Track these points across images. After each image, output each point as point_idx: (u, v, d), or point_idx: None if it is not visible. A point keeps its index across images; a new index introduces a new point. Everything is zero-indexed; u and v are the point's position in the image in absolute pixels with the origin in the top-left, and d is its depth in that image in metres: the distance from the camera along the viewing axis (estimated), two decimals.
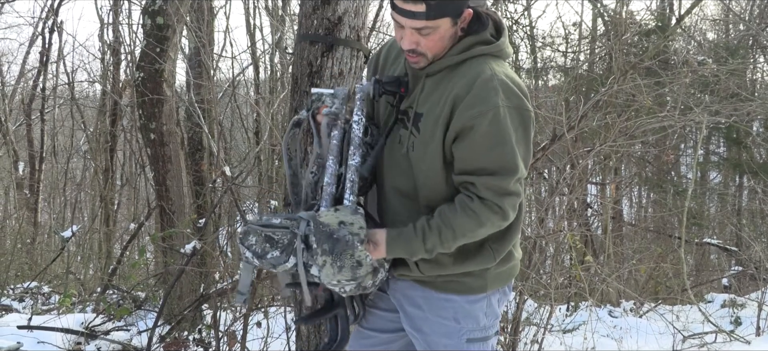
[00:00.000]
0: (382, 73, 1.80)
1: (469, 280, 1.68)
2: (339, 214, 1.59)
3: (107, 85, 8.92)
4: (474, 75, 1.53)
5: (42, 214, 10.04)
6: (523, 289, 3.77)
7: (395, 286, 1.78)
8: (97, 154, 8.89)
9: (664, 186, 9.67)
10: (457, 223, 1.56)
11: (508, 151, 1.51)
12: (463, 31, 1.57)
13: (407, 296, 1.75)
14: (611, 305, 6.04)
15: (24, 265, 7.10)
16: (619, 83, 4.46)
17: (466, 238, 1.58)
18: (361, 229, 1.58)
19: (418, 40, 1.53)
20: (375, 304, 1.87)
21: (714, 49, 8.91)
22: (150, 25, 4.45)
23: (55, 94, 10.62)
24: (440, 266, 1.66)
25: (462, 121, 1.51)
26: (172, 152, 4.54)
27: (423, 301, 1.72)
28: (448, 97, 1.54)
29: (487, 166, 1.52)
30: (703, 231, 9.63)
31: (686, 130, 6.77)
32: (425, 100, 1.60)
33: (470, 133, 1.51)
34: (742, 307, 5.84)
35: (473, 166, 1.53)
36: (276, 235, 1.59)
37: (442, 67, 1.59)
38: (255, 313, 3.75)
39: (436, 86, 1.59)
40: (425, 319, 1.72)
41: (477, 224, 1.56)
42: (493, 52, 1.59)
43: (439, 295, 1.70)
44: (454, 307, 1.70)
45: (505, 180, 1.53)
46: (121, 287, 5.15)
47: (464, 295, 1.69)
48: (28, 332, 3.81)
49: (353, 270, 1.58)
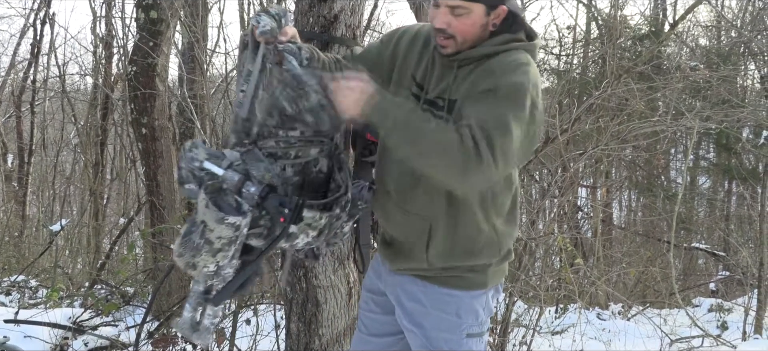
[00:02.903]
0: (401, 58, 1.75)
1: (473, 275, 1.71)
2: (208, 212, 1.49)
3: (99, 78, 8.85)
4: (512, 60, 1.55)
5: (30, 208, 9.95)
6: (512, 290, 3.79)
7: (393, 281, 1.79)
8: (87, 147, 8.83)
9: (654, 190, 9.73)
10: (432, 130, 1.46)
11: (513, 120, 1.46)
12: (494, 27, 1.60)
13: (406, 291, 1.75)
14: (600, 308, 6.08)
15: (11, 258, 7.04)
16: (612, 87, 4.49)
17: (425, 144, 1.46)
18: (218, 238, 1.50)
19: (450, 21, 1.56)
20: (373, 309, 1.88)
21: (706, 55, 8.97)
22: (143, 19, 4.43)
23: (45, 86, 10.52)
24: (450, 257, 1.67)
25: (488, 84, 1.51)
26: (163, 147, 4.52)
27: (423, 296, 1.73)
28: (485, 78, 1.55)
29: (489, 120, 1.46)
30: (692, 236, 9.70)
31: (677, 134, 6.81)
32: (458, 87, 1.60)
33: (488, 94, 1.50)
34: (729, 312, 5.90)
35: (477, 115, 1.47)
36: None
37: (476, 55, 1.60)
38: (244, 311, 3.74)
39: (469, 74, 1.60)
40: (426, 314, 1.72)
41: (445, 139, 1.44)
42: (528, 48, 1.61)
43: (442, 289, 1.71)
44: (456, 302, 1.71)
45: (499, 132, 1.44)
46: (109, 282, 5.11)
47: (467, 290, 1.71)
48: (15, 326, 3.78)
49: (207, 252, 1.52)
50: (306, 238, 1.61)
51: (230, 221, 1.47)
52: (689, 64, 6.74)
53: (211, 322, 1.61)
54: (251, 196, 1.51)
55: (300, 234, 1.59)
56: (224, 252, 1.52)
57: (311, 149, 1.65)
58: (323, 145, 1.67)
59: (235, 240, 1.51)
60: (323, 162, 1.68)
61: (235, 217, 1.48)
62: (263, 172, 1.57)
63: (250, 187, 1.52)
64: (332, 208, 1.62)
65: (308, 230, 1.60)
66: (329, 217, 1.62)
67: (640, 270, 6.62)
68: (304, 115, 1.60)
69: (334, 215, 1.63)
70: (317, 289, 2.41)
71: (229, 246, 1.51)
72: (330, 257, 2.41)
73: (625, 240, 8.70)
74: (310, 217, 1.57)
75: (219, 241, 1.50)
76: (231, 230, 1.49)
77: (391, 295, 1.81)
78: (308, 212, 1.55)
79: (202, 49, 5.66)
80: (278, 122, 1.60)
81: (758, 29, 9.37)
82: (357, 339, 1.93)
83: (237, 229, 1.49)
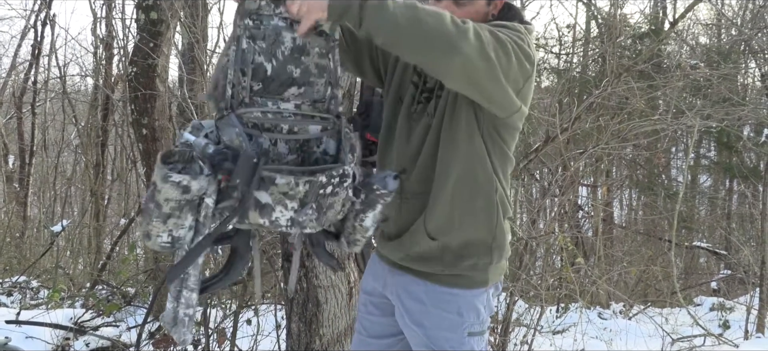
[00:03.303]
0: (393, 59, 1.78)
1: (475, 273, 1.71)
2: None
3: (99, 79, 8.85)
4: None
5: (31, 208, 9.96)
6: (513, 289, 3.78)
7: (394, 282, 1.79)
8: (88, 148, 8.84)
9: (655, 189, 9.72)
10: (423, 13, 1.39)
11: (504, 33, 1.48)
12: (493, 17, 1.66)
13: (408, 291, 1.75)
14: (601, 307, 6.08)
15: (13, 259, 7.05)
16: (613, 86, 4.48)
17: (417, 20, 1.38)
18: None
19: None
20: (372, 312, 1.88)
21: (706, 53, 8.96)
22: (143, 20, 4.43)
23: (46, 87, 10.53)
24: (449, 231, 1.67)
25: None
26: (164, 148, 4.52)
27: (425, 296, 1.73)
28: None
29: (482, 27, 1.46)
30: (693, 234, 9.70)
31: (678, 133, 6.80)
32: None
33: None
34: (730, 311, 5.89)
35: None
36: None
37: None
38: (245, 311, 3.74)
39: None
40: (427, 313, 1.72)
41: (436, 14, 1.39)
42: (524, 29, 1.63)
43: (444, 289, 1.71)
44: (457, 301, 1.71)
45: (490, 31, 1.45)
46: (110, 283, 5.12)
47: (469, 289, 1.72)
48: (17, 327, 3.78)
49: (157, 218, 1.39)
50: (285, 211, 1.45)
51: (175, 179, 1.34)
52: (689, 63, 6.74)
53: (185, 313, 1.47)
54: (211, 157, 1.39)
55: (276, 206, 1.43)
56: (175, 218, 1.38)
57: (310, 126, 1.52)
58: (327, 122, 1.53)
59: (185, 205, 1.38)
60: (330, 144, 1.55)
61: (181, 176, 1.35)
62: (233, 138, 1.42)
63: (210, 148, 1.40)
64: (316, 175, 1.44)
65: (285, 201, 1.43)
66: (310, 184, 1.43)
67: (641, 269, 6.62)
68: (289, 74, 1.47)
69: (317, 183, 1.45)
70: (318, 289, 2.41)
71: (179, 211, 1.38)
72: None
73: (626, 239, 8.70)
74: (284, 183, 1.41)
75: (167, 204, 1.36)
76: (177, 191, 1.35)
77: (392, 295, 1.81)
78: (281, 178, 1.41)
79: (202, 50, 5.66)
80: (261, 89, 1.47)
81: (758, 27, 9.37)
82: (357, 341, 1.93)
83: (185, 190, 1.36)
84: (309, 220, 1.49)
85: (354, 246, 1.64)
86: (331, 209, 1.51)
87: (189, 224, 1.41)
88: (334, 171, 1.47)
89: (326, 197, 1.48)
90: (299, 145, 1.52)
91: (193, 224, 1.42)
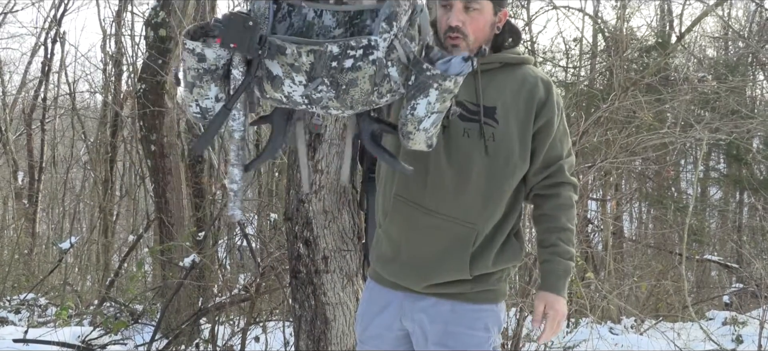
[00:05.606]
0: None
1: (500, 286, 1.73)
2: None
3: (108, 96, 8.93)
4: (546, 81, 1.73)
5: (40, 225, 10.01)
6: (523, 305, 3.75)
7: (412, 307, 1.70)
8: (96, 164, 8.89)
9: (665, 202, 9.64)
10: (571, 216, 1.76)
11: (569, 138, 1.81)
12: (498, 30, 1.69)
13: (430, 314, 1.68)
14: (612, 322, 6.00)
15: (21, 276, 7.07)
16: (620, 99, 4.47)
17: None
18: None
19: (465, 19, 1.62)
20: (381, 334, 1.77)
21: (714, 66, 8.93)
22: (152, 37, 4.47)
23: (56, 104, 10.63)
24: (494, 263, 1.69)
25: (546, 118, 1.71)
26: (172, 164, 4.54)
27: (451, 316, 1.68)
28: (524, 97, 1.69)
29: (565, 150, 1.77)
30: (704, 247, 9.59)
31: (686, 146, 6.76)
32: (490, 95, 1.68)
33: (551, 128, 1.72)
34: (743, 325, 5.81)
35: (559, 152, 1.74)
36: None
37: (496, 63, 1.70)
38: (253, 328, 3.72)
39: (490, 81, 1.69)
40: (452, 334, 1.67)
41: (573, 208, 1.78)
42: (530, 63, 1.79)
43: (471, 306, 1.69)
44: (485, 317, 1.70)
45: (572, 157, 1.81)
46: (118, 300, 5.11)
47: (495, 303, 1.72)
48: (24, 346, 3.78)
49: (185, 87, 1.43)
50: (294, 85, 1.35)
51: (189, 46, 1.34)
52: (697, 76, 6.71)
53: (230, 187, 1.52)
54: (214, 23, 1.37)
55: (285, 79, 1.35)
56: (198, 88, 1.39)
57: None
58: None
59: (203, 74, 1.37)
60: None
61: (194, 43, 1.33)
62: (262, 5, 1.37)
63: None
64: (323, 45, 1.31)
65: (292, 73, 1.33)
66: (316, 54, 1.31)
67: (652, 283, 6.54)
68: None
69: (325, 54, 1.30)
70: (326, 306, 2.39)
71: (200, 80, 1.38)
72: (338, 273, 2.39)
73: (636, 253, 8.62)
74: (290, 53, 1.32)
75: (189, 73, 1.38)
76: (193, 59, 1.35)
77: (410, 322, 1.72)
78: (289, 47, 1.32)
79: None
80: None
81: (765, 40, 9.33)
82: None
83: (201, 58, 1.35)
84: (326, 97, 1.34)
85: (408, 140, 1.42)
86: (355, 87, 1.33)
87: (214, 95, 1.41)
88: (351, 41, 1.30)
89: (344, 72, 1.31)
90: (348, 18, 1.36)
91: (221, 96, 1.41)
